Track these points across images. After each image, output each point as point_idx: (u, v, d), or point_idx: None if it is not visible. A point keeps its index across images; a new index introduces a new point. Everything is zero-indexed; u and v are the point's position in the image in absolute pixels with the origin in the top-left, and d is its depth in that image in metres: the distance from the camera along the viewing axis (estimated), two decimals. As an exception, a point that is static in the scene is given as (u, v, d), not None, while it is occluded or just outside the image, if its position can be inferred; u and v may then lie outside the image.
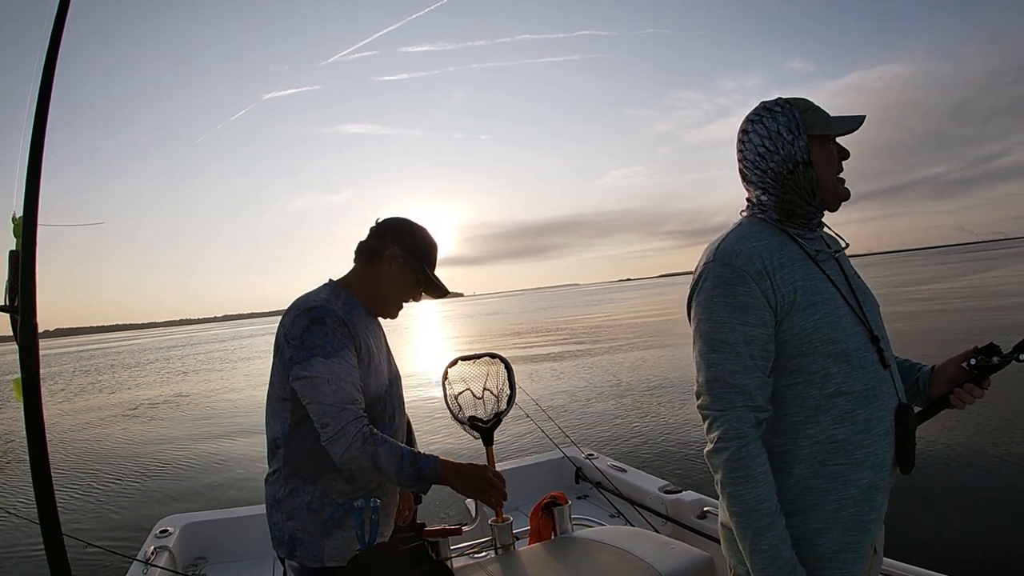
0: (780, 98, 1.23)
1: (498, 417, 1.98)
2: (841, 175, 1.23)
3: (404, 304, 1.70)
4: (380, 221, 1.67)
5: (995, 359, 1.19)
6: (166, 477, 7.40)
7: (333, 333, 1.48)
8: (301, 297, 1.56)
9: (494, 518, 1.77)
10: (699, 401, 1.16)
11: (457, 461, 1.50)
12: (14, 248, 1.25)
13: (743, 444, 1.09)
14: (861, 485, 1.11)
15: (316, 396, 1.42)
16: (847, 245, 1.30)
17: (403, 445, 1.46)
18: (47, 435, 1.30)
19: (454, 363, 2.13)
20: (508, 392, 2.05)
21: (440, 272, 1.68)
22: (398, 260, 1.62)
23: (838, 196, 1.22)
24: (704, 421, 1.15)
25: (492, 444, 1.94)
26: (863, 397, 1.12)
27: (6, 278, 1.26)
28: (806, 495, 1.13)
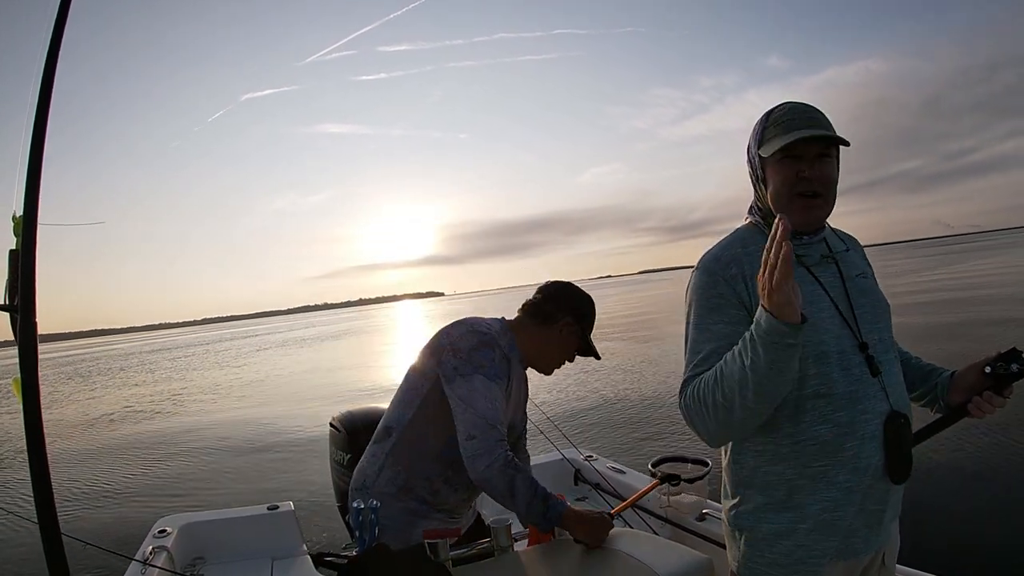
0: (784, 104, 1.19)
1: None
2: (806, 193, 1.14)
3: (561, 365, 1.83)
4: (551, 284, 1.81)
5: (1015, 367, 1.14)
6: (164, 477, 7.38)
7: (498, 362, 1.61)
8: (473, 318, 1.71)
9: (493, 519, 1.77)
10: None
11: (580, 510, 1.59)
12: (14, 247, 1.25)
13: (688, 387, 1.14)
14: (842, 487, 1.12)
15: (472, 407, 1.51)
16: (845, 249, 1.27)
17: (537, 481, 1.55)
18: (46, 435, 1.30)
19: None
20: None
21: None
22: (569, 329, 1.75)
23: (790, 214, 1.11)
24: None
25: None
26: (844, 400, 1.11)
27: (6, 277, 1.26)
28: (793, 493, 1.15)
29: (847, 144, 1.16)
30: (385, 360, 20.44)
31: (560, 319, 1.75)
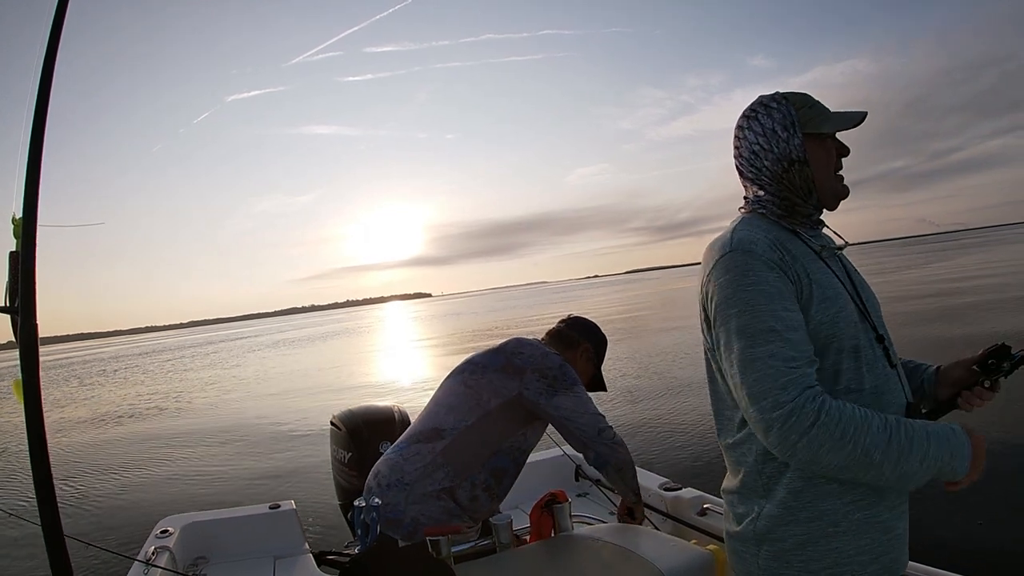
0: (778, 93, 1.20)
1: None
2: (840, 172, 1.20)
3: None
4: (573, 317, 2.06)
5: (1005, 364, 1.15)
6: (166, 477, 7.39)
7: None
8: (524, 337, 1.90)
9: (494, 516, 1.78)
10: (751, 407, 1.03)
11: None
12: (14, 249, 1.25)
13: (816, 416, 0.98)
14: (872, 484, 1.08)
15: (587, 409, 1.75)
16: (846, 244, 1.26)
17: None
18: (47, 436, 1.30)
19: None
20: None
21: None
22: (588, 355, 1.99)
23: (836, 194, 1.20)
24: (762, 425, 1.02)
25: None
26: (872, 395, 1.09)
27: (6, 279, 1.26)
28: (819, 500, 1.10)
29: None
30: (380, 359, 20.47)
31: (581, 344, 1.97)
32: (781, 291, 1.06)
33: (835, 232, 1.29)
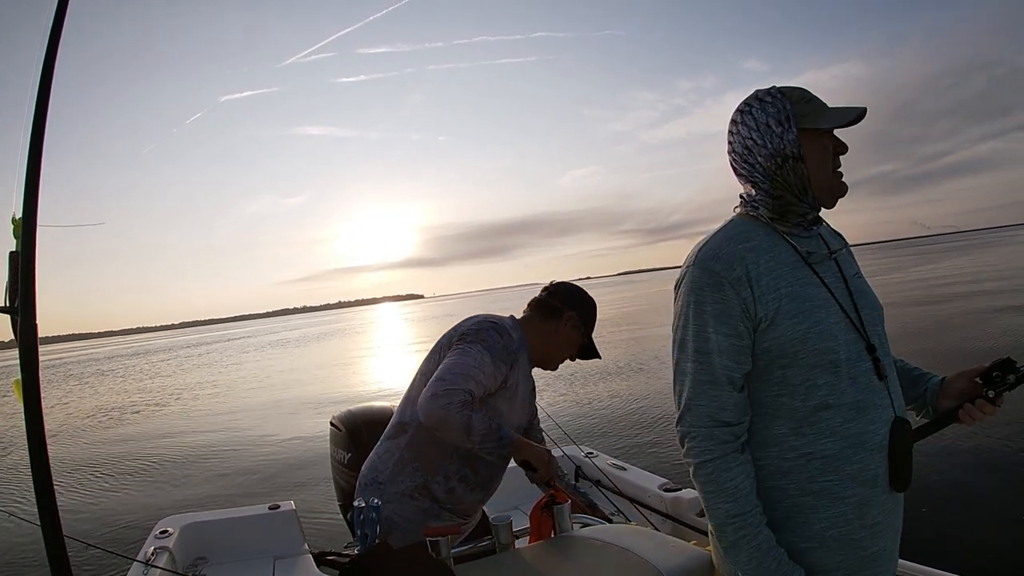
0: (774, 87, 1.16)
1: None
2: (839, 170, 1.16)
3: (563, 362, 1.93)
4: (556, 283, 1.92)
5: (1011, 377, 1.13)
6: (165, 478, 7.39)
7: (501, 348, 1.68)
8: (490, 314, 1.82)
9: (494, 516, 1.78)
10: (677, 412, 1.14)
11: (527, 440, 1.73)
12: (14, 249, 1.25)
13: (710, 459, 1.07)
14: (852, 502, 1.07)
15: (456, 360, 1.59)
16: (844, 247, 1.23)
17: (492, 419, 1.64)
18: (47, 436, 1.30)
19: None
20: None
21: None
22: (573, 323, 1.85)
23: (833, 192, 1.16)
24: (679, 434, 1.13)
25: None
26: (853, 410, 1.06)
27: (6, 279, 1.26)
28: (794, 513, 1.09)
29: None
30: (376, 359, 20.46)
31: (564, 313, 1.84)
32: (723, 312, 1.08)
33: (834, 231, 1.26)
